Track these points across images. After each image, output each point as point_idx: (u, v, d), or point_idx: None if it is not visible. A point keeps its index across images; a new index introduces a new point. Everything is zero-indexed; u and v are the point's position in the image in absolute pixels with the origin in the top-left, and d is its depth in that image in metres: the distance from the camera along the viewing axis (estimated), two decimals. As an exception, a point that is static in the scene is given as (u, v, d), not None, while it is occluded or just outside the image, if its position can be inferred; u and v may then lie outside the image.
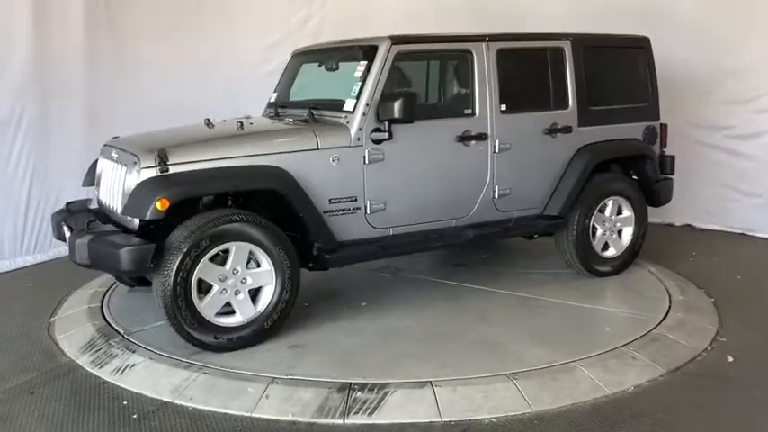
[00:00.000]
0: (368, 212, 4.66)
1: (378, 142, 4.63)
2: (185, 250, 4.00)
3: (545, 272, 5.76)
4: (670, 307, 4.97)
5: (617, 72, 5.79)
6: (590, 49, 5.51)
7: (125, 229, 4.26)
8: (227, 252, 4.19)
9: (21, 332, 4.85)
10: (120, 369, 4.12)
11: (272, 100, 5.60)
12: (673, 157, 6.04)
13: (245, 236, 4.17)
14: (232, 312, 4.29)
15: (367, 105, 4.59)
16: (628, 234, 5.75)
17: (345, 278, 5.53)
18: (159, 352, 4.23)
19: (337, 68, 5.23)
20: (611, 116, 5.62)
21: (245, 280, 4.26)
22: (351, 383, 3.80)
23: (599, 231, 5.62)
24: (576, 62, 5.40)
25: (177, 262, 3.99)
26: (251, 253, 4.25)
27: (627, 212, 5.72)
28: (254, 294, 4.34)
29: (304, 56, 5.65)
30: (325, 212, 4.52)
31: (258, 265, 4.30)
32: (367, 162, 4.61)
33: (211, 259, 4.16)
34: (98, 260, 4.09)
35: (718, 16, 6.87)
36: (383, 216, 4.72)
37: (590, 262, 5.57)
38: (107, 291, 5.36)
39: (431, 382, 3.79)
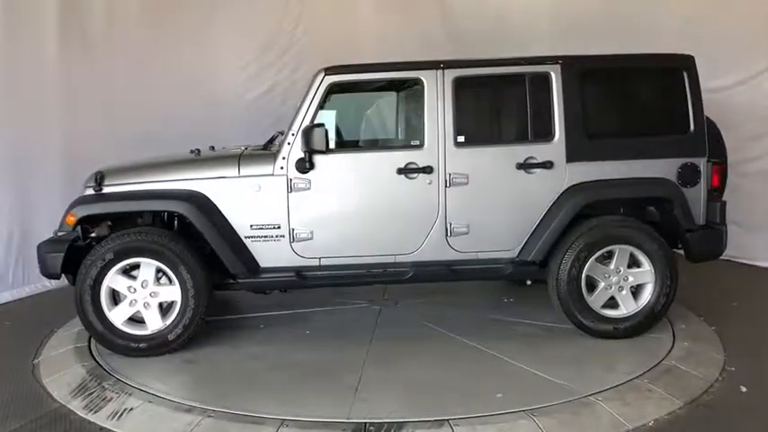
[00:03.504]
0: (293, 240, 4.71)
1: (303, 171, 4.66)
2: (90, 261, 4.52)
3: (541, 324, 5.10)
4: (674, 336, 4.83)
5: (637, 98, 4.91)
6: (592, 72, 4.79)
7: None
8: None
9: (2, 375, 4.53)
10: (116, 414, 3.89)
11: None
12: (723, 203, 4.91)
13: (148, 252, 4.55)
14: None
15: (293, 135, 4.67)
16: (647, 292, 4.82)
17: (331, 305, 5.58)
18: (157, 394, 4.06)
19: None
20: (622, 150, 4.80)
21: (154, 294, 4.63)
22: (366, 424, 3.66)
23: (601, 285, 4.80)
24: (568, 88, 4.73)
25: (84, 271, 4.53)
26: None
27: (646, 266, 4.79)
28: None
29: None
30: (246, 237, 4.70)
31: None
32: (291, 191, 4.67)
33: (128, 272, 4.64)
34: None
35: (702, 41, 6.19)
36: (310, 245, 4.72)
37: (579, 318, 4.77)
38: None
39: (449, 420, 3.67)
